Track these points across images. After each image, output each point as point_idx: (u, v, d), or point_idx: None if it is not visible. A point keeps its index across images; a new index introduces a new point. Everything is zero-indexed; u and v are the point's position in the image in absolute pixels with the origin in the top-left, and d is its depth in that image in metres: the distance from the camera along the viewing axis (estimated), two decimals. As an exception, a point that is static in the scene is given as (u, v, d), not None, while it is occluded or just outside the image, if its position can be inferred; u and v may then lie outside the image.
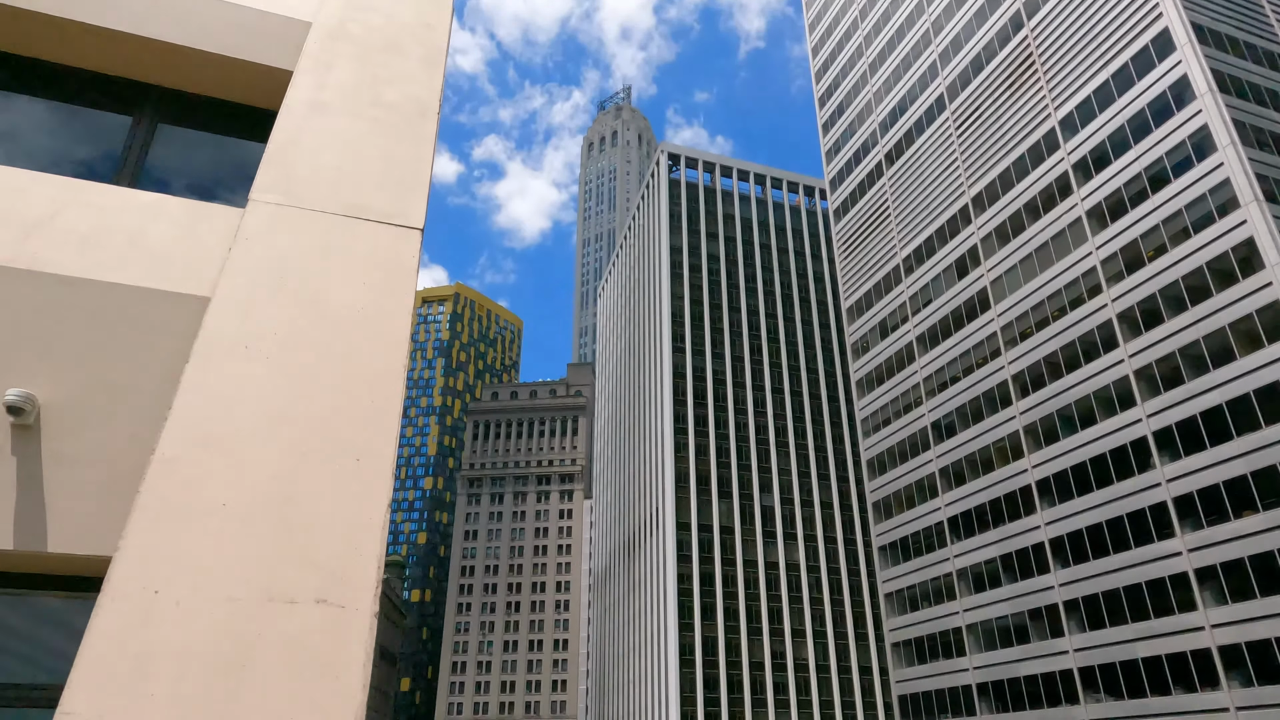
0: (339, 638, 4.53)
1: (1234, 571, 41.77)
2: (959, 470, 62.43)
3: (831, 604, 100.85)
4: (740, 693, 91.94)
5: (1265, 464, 40.75)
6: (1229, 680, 41.07)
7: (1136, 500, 47.16)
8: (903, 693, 65.34)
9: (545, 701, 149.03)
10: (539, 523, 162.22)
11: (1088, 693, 48.86)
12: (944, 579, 62.09)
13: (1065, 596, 51.05)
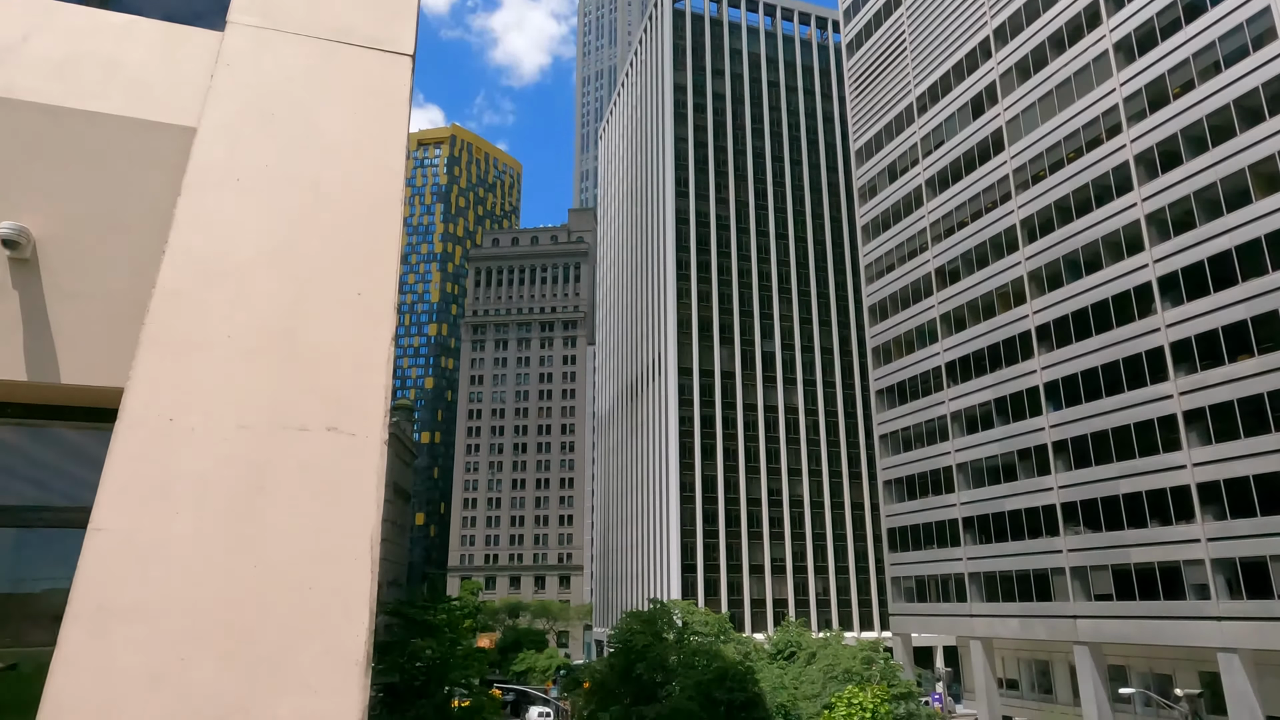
0: (351, 464, 4.73)
1: (1221, 414, 42.89)
2: (960, 316, 62.80)
3: (827, 445, 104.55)
4: (737, 526, 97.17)
5: (1266, 309, 40.89)
6: (1203, 514, 43.18)
7: (1134, 345, 47.73)
8: (891, 526, 68.94)
9: (554, 534, 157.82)
10: (543, 368, 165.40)
11: (1068, 525, 51.53)
12: (938, 421, 63.96)
13: (1055, 437, 52.75)
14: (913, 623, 66.28)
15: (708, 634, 49.55)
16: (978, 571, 58.73)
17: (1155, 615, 45.38)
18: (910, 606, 66.16)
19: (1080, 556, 50.39)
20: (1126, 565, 47.35)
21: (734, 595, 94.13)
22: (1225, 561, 42.11)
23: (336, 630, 4.18)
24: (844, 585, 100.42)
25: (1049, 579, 52.71)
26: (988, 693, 57.73)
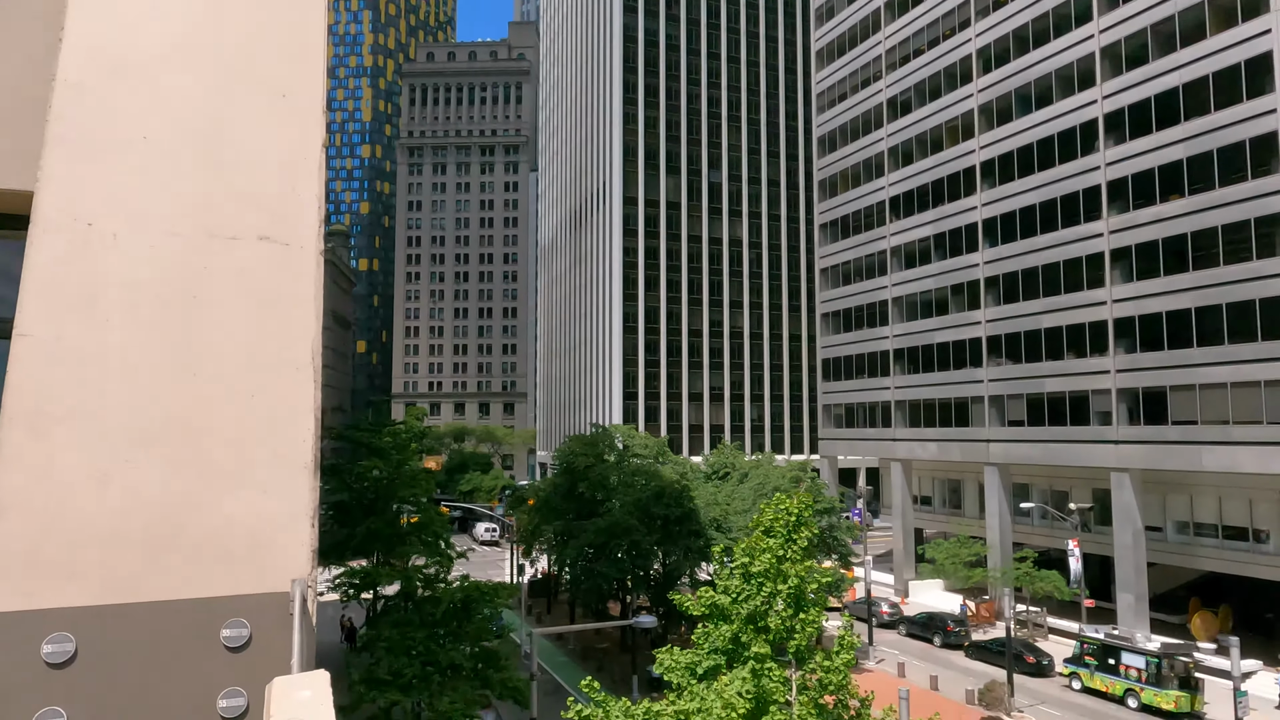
0: (287, 274, 4.64)
1: (1145, 253, 44.51)
2: (908, 149, 62.35)
3: (769, 278, 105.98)
4: (678, 356, 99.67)
5: (1203, 149, 41.55)
6: (1116, 347, 45.81)
7: (1073, 183, 48.39)
8: (826, 357, 71.58)
9: (497, 363, 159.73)
10: (484, 195, 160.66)
11: (991, 357, 54.23)
12: (878, 256, 65.02)
13: (988, 273, 54.33)
14: (840, 446, 70.46)
15: (647, 456, 51.98)
16: (904, 400, 62.03)
17: (1061, 440, 49.08)
18: (838, 431, 70.06)
19: (999, 386, 53.48)
20: (1040, 394, 50.52)
21: (673, 421, 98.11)
22: (1129, 391, 45.24)
23: (283, 436, 4.25)
24: (778, 412, 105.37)
25: (968, 406, 56.09)
26: (903, 508, 62.73)
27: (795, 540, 14.10)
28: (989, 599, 53.73)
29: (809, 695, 13.43)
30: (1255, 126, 39.39)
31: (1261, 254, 39.14)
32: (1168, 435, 43.07)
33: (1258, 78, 39.45)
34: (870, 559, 51.21)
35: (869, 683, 37.95)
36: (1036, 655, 42.52)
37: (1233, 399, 40.22)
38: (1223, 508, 44.31)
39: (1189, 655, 37.27)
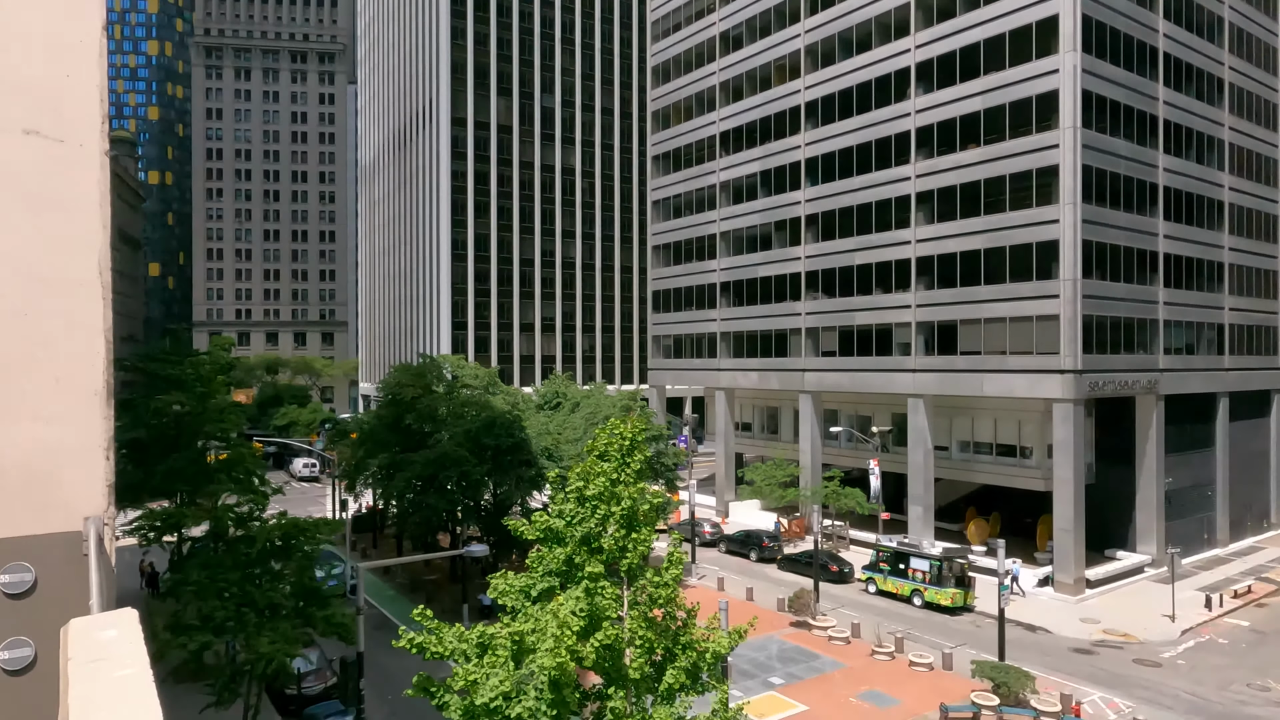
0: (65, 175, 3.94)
1: (945, 197, 48.35)
2: (739, 85, 63.52)
3: (602, 208, 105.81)
4: (510, 285, 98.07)
5: (997, 103, 45.27)
6: (917, 284, 49.86)
7: (887, 128, 51.37)
8: (657, 289, 72.97)
9: (314, 290, 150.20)
10: (296, 106, 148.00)
11: (809, 291, 57.43)
12: (708, 190, 66.46)
13: (808, 211, 57.06)
14: (668, 376, 72.69)
15: (478, 387, 51.19)
16: (729, 331, 64.67)
17: (867, 369, 53.21)
18: (667, 362, 72.16)
19: (815, 319, 56.90)
20: (851, 327, 54.30)
21: (504, 352, 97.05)
22: (926, 324, 49.59)
23: (67, 359, 3.66)
24: (609, 343, 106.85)
25: (787, 338, 59.38)
26: (725, 434, 66.06)
27: (629, 464, 14.41)
28: (800, 516, 58.17)
29: (639, 610, 13.97)
30: (1042, 84, 43.33)
31: (1040, 202, 43.62)
32: (956, 365, 47.79)
33: (1046, 39, 43.23)
34: (695, 483, 53.75)
35: (693, 597, 40.22)
36: (839, 565, 46.74)
37: (1010, 332, 45.12)
38: (997, 428, 50.08)
39: (964, 557, 42.35)
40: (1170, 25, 48.52)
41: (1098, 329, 43.67)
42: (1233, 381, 53.74)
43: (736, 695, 29.21)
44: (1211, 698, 30.81)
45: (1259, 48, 56.06)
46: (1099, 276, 43.77)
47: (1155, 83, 47.46)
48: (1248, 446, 56.14)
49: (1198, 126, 50.77)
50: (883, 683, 31.83)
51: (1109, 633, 37.82)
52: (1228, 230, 53.25)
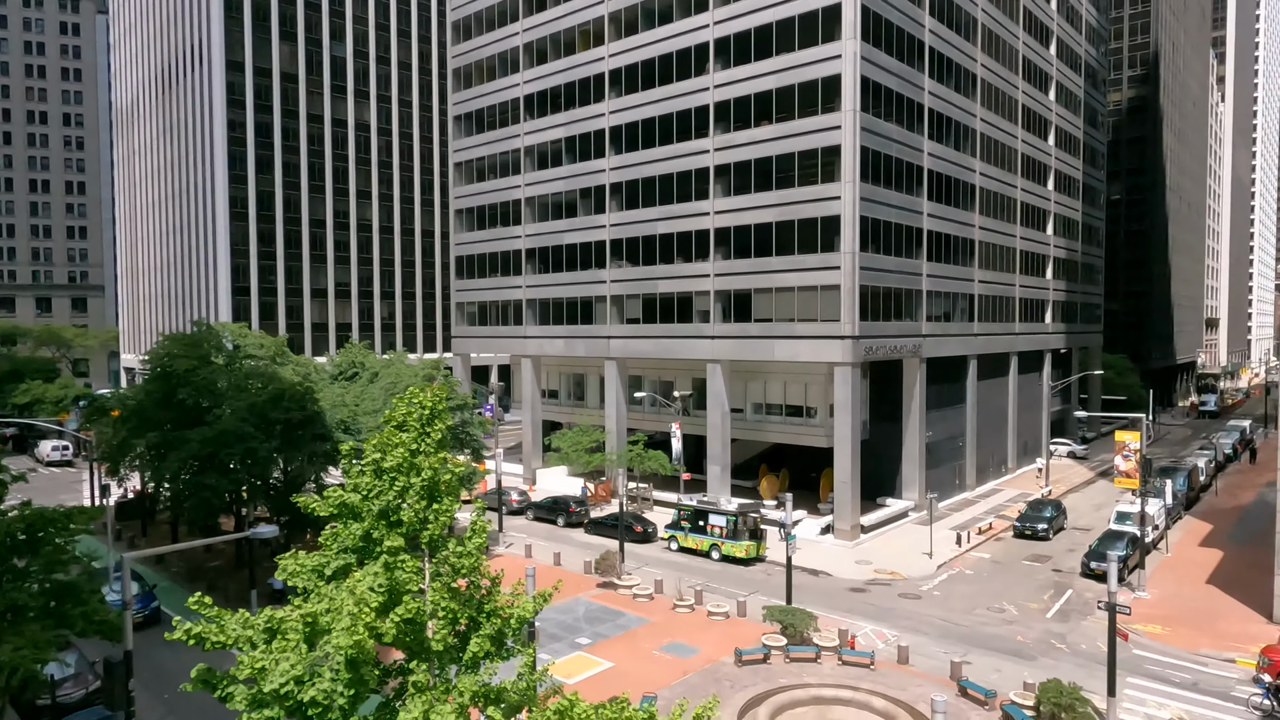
0: None
1: (741, 171, 50.60)
2: (543, 48, 62.54)
3: (401, 168, 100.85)
4: (298, 248, 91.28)
5: (788, 83, 47.83)
6: (715, 254, 51.99)
7: (687, 101, 52.73)
8: (460, 254, 70.91)
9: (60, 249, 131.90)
10: (32, 35, 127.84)
11: (614, 259, 58.19)
12: (512, 154, 65.18)
13: (613, 179, 57.59)
14: (473, 344, 71.14)
15: (263, 357, 47.33)
16: (535, 299, 64.22)
17: (669, 335, 54.95)
18: (472, 330, 70.55)
19: (620, 286, 57.83)
20: (654, 294, 55.74)
21: (293, 320, 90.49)
22: (724, 293, 51.93)
23: None
24: (410, 310, 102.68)
25: (593, 305, 59.94)
26: (532, 402, 65.87)
27: (429, 434, 13.87)
28: (606, 480, 59.40)
29: (442, 581, 13.59)
30: (826, 68, 46.26)
31: (824, 179, 46.79)
32: (751, 331, 50.53)
33: (830, 25, 46.12)
34: (502, 451, 53.24)
35: (501, 565, 39.98)
36: (644, 525, 48.32)
37: (798, 301, 48.31)
38: (787, 391, 53.66)
39: (756, 512, 45.24)
40: (935, 22, 53.42)
41: (872, 298, 47.80)
42: (980, 345, 60.98)
43: (544, 658, 29.46)
44: (960, 622, 35.17)
45: (1003, 47, 63.20)
46: (874, 250, 47.82)
47: (922, 74, 52.17)
48: (991, 403, 64.15)
49: (955, 116, 56.53)
50: (684, 634, 33.41)
51: (879, 572, 42.03)
52: (978, 210, 60.01)
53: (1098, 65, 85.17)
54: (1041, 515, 49.06)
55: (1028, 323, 69.48)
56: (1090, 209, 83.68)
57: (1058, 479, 65.23)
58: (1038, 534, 47.99)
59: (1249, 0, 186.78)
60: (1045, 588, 39.74)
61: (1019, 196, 66.57)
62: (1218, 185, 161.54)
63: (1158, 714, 26.52)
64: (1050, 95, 72.15)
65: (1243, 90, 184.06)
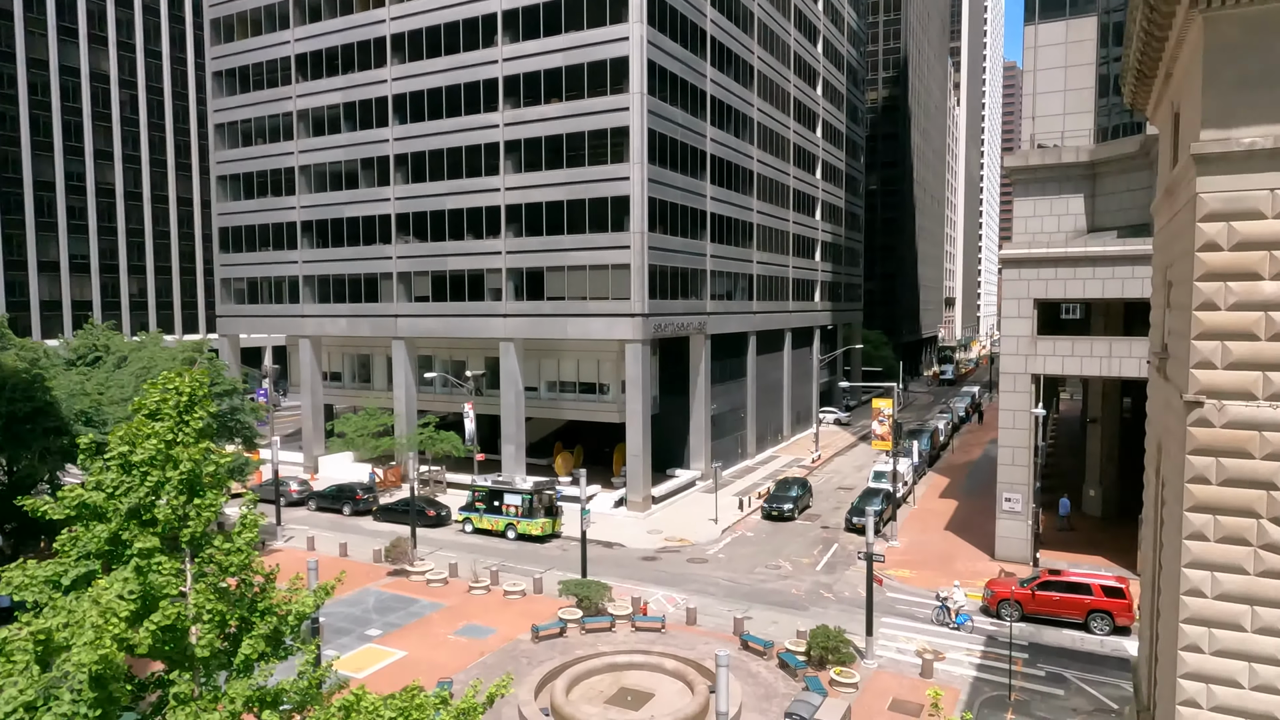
0: None
1: (532, 147, 50.16)
2: (316, 4, 58.12)
3: (150, 128, 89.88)
4: (21, 214, 78.91)
5: (577, 61, 47.93)
6: (507, 231, 51.28)
7: (475, 72, 51.30)
8: (224, 225, 64.64)
9: None
10: None
11: (400, 234, 55.68)
12: (284, 117, 60.19)
13: (398, 150, 54.91)
14: (242, 324, 65.35)
15: (-24, 340, 40.49)
16: (313, 275, 60.03)
17: (461, 314, 53.60)
18: (240, 308, 64.74)
19: (407, 263, 55.48)
20: (444, 271, 54.05)
21: (16, 297, 78.25)
22: (516, 271, 51.44)
23: None
24: (165, 286, 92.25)
25: (378, 282, 57.08)
26: (313, 385, 61.74)
27: (189, 422, 12.53)
28: (396, 465, 57.14)
29: (208, 582, 12.41)
30: (614, 49, 46.87)
31: (614, 160, 47.54)
32: (544, 309, 50.51)
33: (618, 6, 46.72)
34: (278, 439, 49.56)
35: (280, 560, 37.30)
36: (436, 509, 47.09)
37: (590, 279, 48.91)
38: (580, 368, 54.31)
39: (552, 489, 45.56)
40: (716, 13, 55.77)
41: (661, 277, 49.44)
42: (759, 322, 65.15)
43: (330, 654, 27.97)
44: (742, 581, 37.65)
45: (778, 42, 67.37)
46: (661, 230, 49.42)
47: (705, 62, 54.35)
48: (768, 376, 68.84)
49: (736, 105, 59.55)
50: (479, 615, 33.05)
51: (669, 540, 43.94)
52: (756, 195, 63.80)
53: (858, 65, 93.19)
54: (788, 495, 48.42)
55: (800, 301, 75.13)
56: (852, 197, 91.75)
57: (826, 444, 71.45)
58: (784, 515, 47.30)
59: (979, 15, 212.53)
60: (815, 543, 43.50)
61: (791, 183, 71.55)
62: (954, 180, 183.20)
63: (907, 647, 30.00)
64: (818, 90, 77.98)
65: (973, 96, 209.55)
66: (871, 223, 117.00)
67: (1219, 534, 10.98)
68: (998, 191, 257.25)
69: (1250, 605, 10.81)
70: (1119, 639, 30.51)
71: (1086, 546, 40.65)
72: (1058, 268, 36.75)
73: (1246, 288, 10.53)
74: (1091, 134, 42.03)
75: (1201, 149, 10.70)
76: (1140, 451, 21.02)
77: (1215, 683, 11.10)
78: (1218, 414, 10.85)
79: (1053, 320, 41.36)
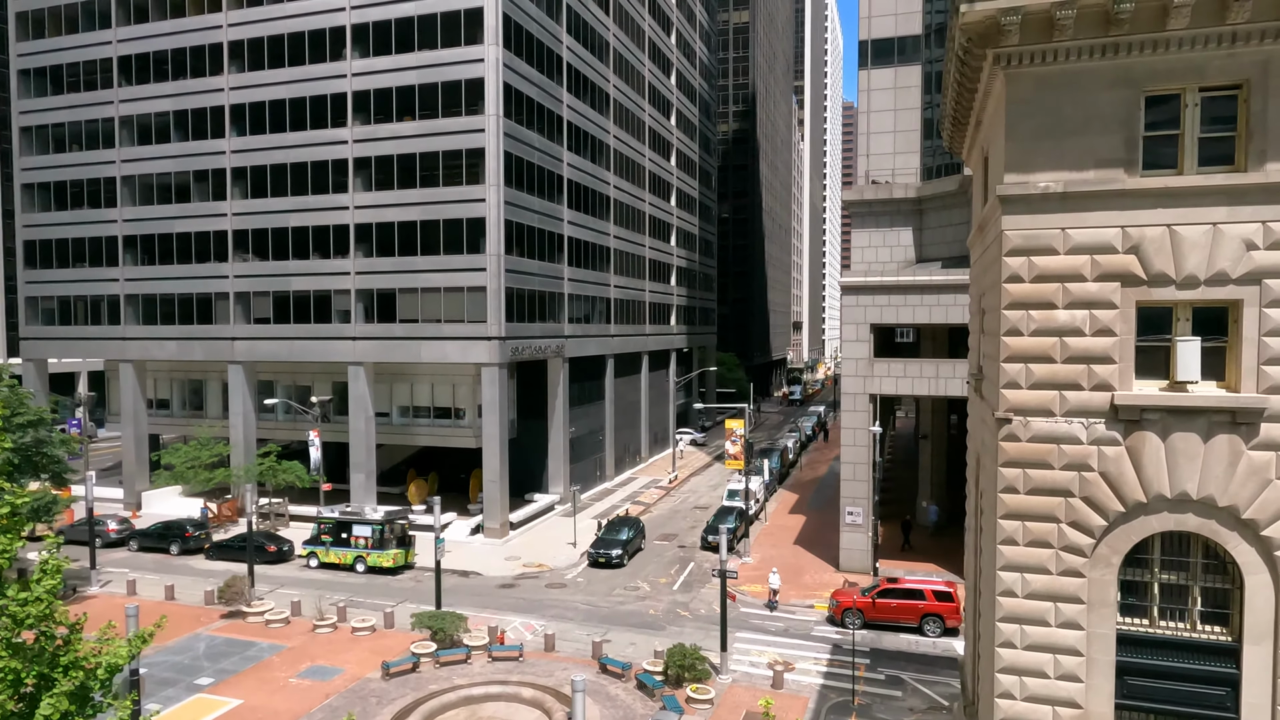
0: None
1: (383, 166, 48.68)
2: (143, 4, 54.13)
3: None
4: None
5: (431, 80, 47.05)
6: (356, 250, 49.34)
7: (322, 85, 49.26)
8: (31, 238, 58.51)
9: None
10: None
11: (237, 252, 52.36)
12: (103, 123, 55.40)
13: (235, 163, 51.76)
14: (52, 347, 59.15)
15: None
16: (136, 294, 55.32)
17: (305, 336, 50.91)
18: (50, 329, 58.60)
19: (246, 282, 52.19)
20: (287, 292, 51.23)
21: None
22: (366, 292, 49.51)
23: None
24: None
25: (212, 303, 53.33)
26: (135, 414, 56.65)
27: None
28: (231, 498, 53.27)
29: (1, 636, 11.04)
30: (469, 70, 46.42)
31: (470, 181, 46.92)
32: (395, 332, 48.86)
33: (473, 28, 46.36)
34: (94, 474, 45.05)
35: (94, 608, 33.82)
36: (278, 543, 44.23)
37: (445, 302, 47.83)
38: (434, 392, 52.81)
39: (404, 518, 43.89)
40: (572, 40, 56.46)
41: (518, 300, 49.06)
42: (616, 345, 65.84)
43: (151, 708, 25.54)
44: (601, 604, 37.61)
45: (632, 72, 68.97)
46: (518, 253, 49.12)
47: (561, 87, 54.80)
48: (627, 398, 69.61)
49: (592, 131, 60.33)
50: (325, 655, 31.23)
51: (527, 566, 43.30)
52: (613, 220, 64.71)
53: (710, 98, 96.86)
54: (617, 539, 43.63)
55: (656, 324, 76.63)
56: (705, 224, 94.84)
57: (683, 464, 72.91)
58: (611, 562, 42.51)
59: (820, 57, 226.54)
60: (672, 563, 44.16)
61: (647, 210, 73.13)
62: (799, 210, 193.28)
63: (759, 660, 30.92)
64: (672, 120, 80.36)
65: (816, 132, 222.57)
66: (724, 249, 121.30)
67: (1027, 538, 12.06)
68: (839, 221, 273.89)
69: (1054, 602, 11.92)
70: (949, 640, 32.76)
71: (920, 555, 43.51)
72: (890, 295, 39.47)
73: (1045, 315, 11.71)
74: (918, 172, 45.60)
75: (1005, 190, 11.85)
76: (965, 465, 22.74)
77: (1027, 675, 12.12)
78: (1024, 429, 11.96)
79: (888, 344, 44.31)
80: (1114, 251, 11.31)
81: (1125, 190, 11.22)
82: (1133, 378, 11.37)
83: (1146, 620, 11.79)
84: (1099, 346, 11.42)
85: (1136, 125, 11.24)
